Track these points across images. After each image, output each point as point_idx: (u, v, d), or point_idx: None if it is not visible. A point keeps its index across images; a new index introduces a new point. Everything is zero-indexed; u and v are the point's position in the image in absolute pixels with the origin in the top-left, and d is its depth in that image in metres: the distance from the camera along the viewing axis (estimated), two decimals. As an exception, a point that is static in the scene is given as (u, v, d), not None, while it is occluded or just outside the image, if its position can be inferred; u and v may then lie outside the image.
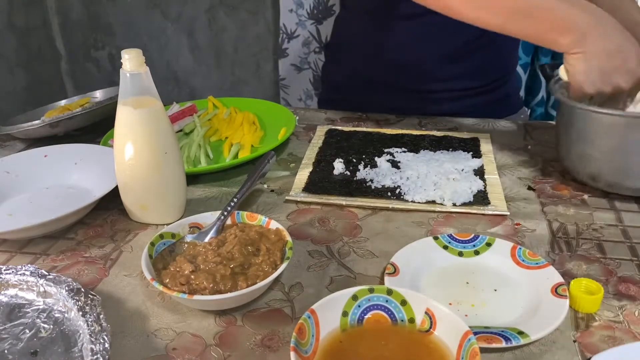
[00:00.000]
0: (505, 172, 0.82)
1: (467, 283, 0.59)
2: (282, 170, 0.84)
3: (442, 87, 1.03)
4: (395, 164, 0.82)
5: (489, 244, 0.63)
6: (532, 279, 0.58)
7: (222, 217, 0.64)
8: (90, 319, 0.51)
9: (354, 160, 0.84)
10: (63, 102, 1.09)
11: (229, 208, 0.65)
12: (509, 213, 0.71)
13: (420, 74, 1.02)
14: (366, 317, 0.50)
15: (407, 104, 1.03)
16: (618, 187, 0.73)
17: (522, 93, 1.59)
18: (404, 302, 0.50)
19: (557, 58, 1.53)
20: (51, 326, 0.54)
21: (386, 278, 0.58)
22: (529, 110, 1.66)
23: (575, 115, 0.73)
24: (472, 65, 1.01)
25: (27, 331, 0.54)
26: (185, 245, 0.62)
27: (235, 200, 0.67)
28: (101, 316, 0.52)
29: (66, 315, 0.55)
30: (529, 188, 0.78)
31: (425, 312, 0.49)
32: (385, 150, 0.87)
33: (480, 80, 1.04)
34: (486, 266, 0.61)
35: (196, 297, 0.53)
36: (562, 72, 0.75)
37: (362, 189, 0.77)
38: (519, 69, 1.55)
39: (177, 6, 1.89)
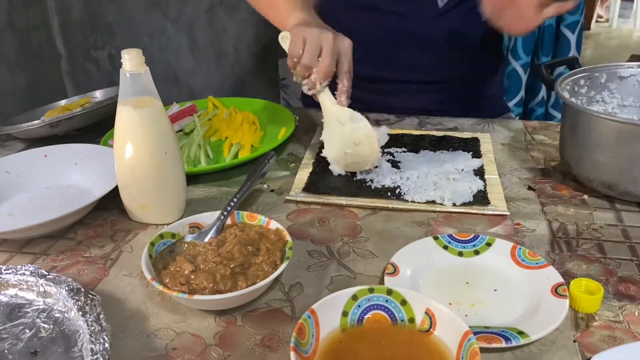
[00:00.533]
0: (505, 172, 0.82)
1: (467, 283, 0.59)
2: (282, 170, 0.84)
3: (394, 76, 1.04)
4: (395, 164, 0.82)
5: (489, 244, 0.63)
6: (532, 279, 0.58)
7: (222, 217, 0.64)
8: (90, 319, 0.51)
9: (354, 160, 0.84)
10: (63, 102, 1.09)
11: (229, 208, 0.65)
12: (508, 213, 0.71)
13: (378, 62, 1.03)
14: (366, 317, 0.50)
15: (369, 97, 1.04)
16: (633, 195, 0.72)
17: (522, 93, 1.58)
18: (404, 302, 0.50)
19: (557, 57, 1.53)
20: (51, 326, 0.54)
21: (386, 278, 0.57)
22: (526, 111, 1.65)
23: (591, 122, 0.71)
24: (426, 58, 1.01)
25: (27, 331, 0.54)
26: (185, 245, 0.62)
27: (235, 200, 0.67)
28: (101, 316, 0.52)
29: (66, 315, 0.55)
30: (529, 188, 0.78)
31: (425, 312, 0.49)
32: (385, 150, 0.87)
33: (435, 75, 1.04)
34: (486, 266, 0.61)
35: (196, 297, 0.53)
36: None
37: (362, 189, 0.77)
38: (519, 69, 1.54)
39: (177, 6, 1.89)
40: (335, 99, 0.78)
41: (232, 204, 0.66)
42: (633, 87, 0.82)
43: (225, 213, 0.65)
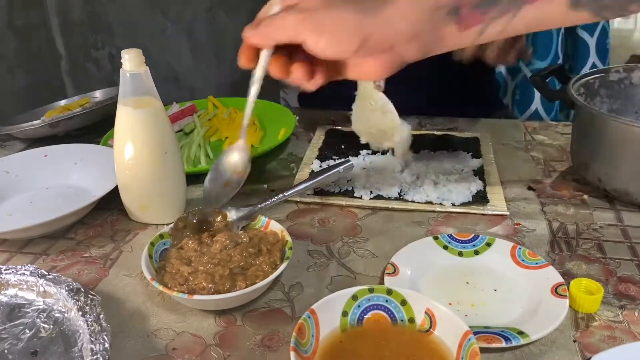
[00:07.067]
0: (505, 172, 0.82)
1: (467, 283, 0.59)
2: (282, 170, 0.84)
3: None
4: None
5: (488, 244, 0.63)
6: (532, 278, 0.58)
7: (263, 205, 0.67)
8: (90, 319, 0.51)
9: (354, 160, 0.84)
10: (63, 102, 1.09)
11: (275, 198, 0.68)
12: (508, 213, 0.71)
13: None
14: (366, 317, 0.50)
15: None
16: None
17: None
18: (404, 302, 0.50)
19: (575, 62, 1.46)
20: (51, 326, 0.54)
21: (386, 278, 0.58)
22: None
23: (609, 126, 0.69)
24: None
25: (27, 331, 0.54)
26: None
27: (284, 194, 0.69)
28: (101, 316, 0.52)
29: (66, 315, 0.55)
30: (529, 188, 0.78)
31: (425, 312, 0.49)
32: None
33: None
34: (486, 266, 0.61)
35: (196, 297, 0.53)
36: None
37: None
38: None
39: (177, 6, 1.89)
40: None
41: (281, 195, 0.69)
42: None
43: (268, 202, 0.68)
